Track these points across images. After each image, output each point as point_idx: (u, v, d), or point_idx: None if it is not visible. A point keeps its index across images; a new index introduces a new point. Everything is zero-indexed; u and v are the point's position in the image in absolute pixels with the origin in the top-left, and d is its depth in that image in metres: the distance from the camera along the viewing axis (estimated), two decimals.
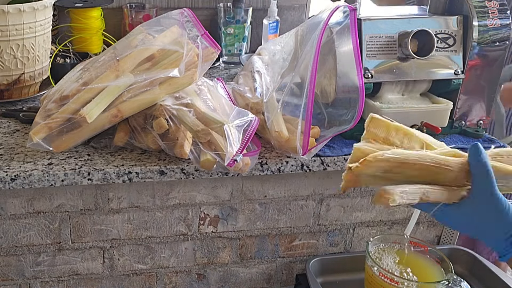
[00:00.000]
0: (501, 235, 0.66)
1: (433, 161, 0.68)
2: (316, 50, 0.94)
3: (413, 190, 0.66)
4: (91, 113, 0.91)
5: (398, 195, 0.65)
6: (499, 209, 0.65)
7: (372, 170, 0.67)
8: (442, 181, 0.69)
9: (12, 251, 1.02)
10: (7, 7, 1.08)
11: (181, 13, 1.03)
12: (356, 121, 0.99)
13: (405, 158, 0.67)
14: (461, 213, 0.68)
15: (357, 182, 0.69)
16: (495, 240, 0.67)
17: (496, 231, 0.66)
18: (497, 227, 0.66)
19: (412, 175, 0.68)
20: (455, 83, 1.06)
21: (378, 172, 0.67)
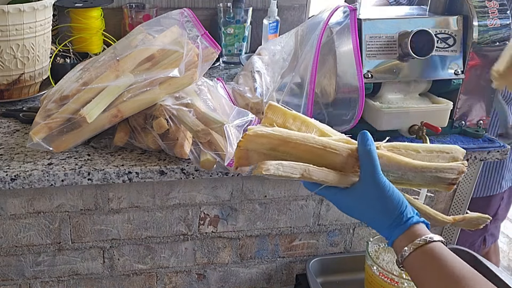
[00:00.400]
0: (385, 220, 0.68)
1: (318, 143, 0.69)
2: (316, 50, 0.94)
3: (293, 164, 0.67)
4: (91, 113, 0.91)
5: (274, 166, 0.66)
6: (383, 194, 0.67)
7: (255, 145, 0.68)
8: (331, 166, 0.69)
9: (12, 251, 1.02)
10: (7, 7, 1.08)
11: (181, 13, 1.03)
12: (356, 121, 0.99)
13: (288, 137, 0.68)
14: (350, 198, 0.70)
15: (247, 159, 0.69)
16: (381, 226, 0.69)
17: (381, 216, 0.68)
18: (382, 211, 0.68)
19: (299, 157, 0.68)
20: (455, 83, 1.06)
21: (263, 149, 0.68)
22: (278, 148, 0.68)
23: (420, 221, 0.68)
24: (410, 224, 0.67)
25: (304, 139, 0.69)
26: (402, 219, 0.67)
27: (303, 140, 0.69)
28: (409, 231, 0.67)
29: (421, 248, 0.65)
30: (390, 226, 0.68)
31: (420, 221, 0.68)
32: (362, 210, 0.71)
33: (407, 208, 0.68)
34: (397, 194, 0.69)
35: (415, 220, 0.67)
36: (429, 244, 0.65)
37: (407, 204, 0.69)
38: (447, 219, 0.79)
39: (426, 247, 0.65)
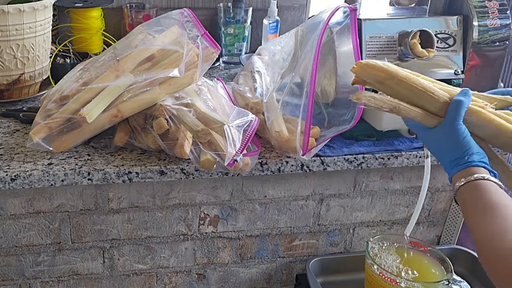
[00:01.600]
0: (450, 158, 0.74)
1: (421, 85, 0.75)
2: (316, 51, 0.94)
3: (383, 98, 0.74)
4: (91, 113, 0.91)
5: (366, 96, 0.73)
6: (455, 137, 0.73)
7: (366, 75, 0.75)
8: (427, 107, 0.76)
9: (12, 251, 1.02)
10: (7, 7, 1.08)
11: (181, 13, 1.03)
12: (356, 121, 0.99)
13: (394, 72, 0.74)
14: (432, 137, 0.77)
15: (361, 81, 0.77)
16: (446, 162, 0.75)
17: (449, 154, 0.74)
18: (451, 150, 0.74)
19: (401, 93, 0.75)
20: (455, 83, 1.06)
21: (372, 79, 0.75)
22: (384, 81, 0.74)
23: (479, 165, 0.72)
24: (469, 165, 0.72)
25: (409, 78, 0.74)
26: (464, 159, 0.73)
27: (408, 78, 0.74)
28: (467, 170, 0.72)
29: (470, 183, 0.70)
30: (451, 164, 0.74)
31: (480, 164, 0.72)
32: (438, 148, 0.77)
33: (472, 154, 0.73)
34: (468, 141, 0.74)
35: (475, 163, 0.72)
36: (479, 181, 0.70)
37: (476, 152, 0.73)
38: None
39: (476, 182, 0.70)
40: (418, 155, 1.06)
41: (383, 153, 1.04)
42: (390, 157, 1.05)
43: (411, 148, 1.07)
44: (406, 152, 1.06)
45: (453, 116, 0.74)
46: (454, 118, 0.74)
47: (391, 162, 1.05)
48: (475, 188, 0.69)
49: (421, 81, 0.75)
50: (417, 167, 1.10)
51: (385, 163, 1.05)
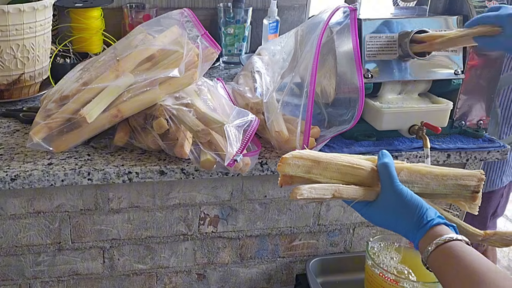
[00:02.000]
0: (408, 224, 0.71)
1: (345, 161, 0.76)
2: (316, 51, 0.94)
3: (323, 186, 0.74)
4: (91, 113, 0.91)
5: (307, 190, 0.72)
6: (401, 200, 0.72)
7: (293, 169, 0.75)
8: (359, 181, 0.76)
9: (12, 251, 1.02)
10: (7, 7, 1.08)
11: (181, 13, 1.03)
12: (355, 121, 0.99)
13: (319, 157, 0.76)
14: (376, 209, 0.75)
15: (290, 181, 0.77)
16: (405, 230, 0.72)
17: (404, 221, 0.72)
18: (403, 216, 0.72)
19: (332, 176, 0.76)
20: (455, 83, 1.06)
21: (300, 172, 0.75)
22: (312, 170, 0.75)
23: (441, 223, 0.70)
24: (430, 226, 0.69)
25: (334, 158, 0.76)
26: (422, 222, 0.70)
27: (332, 159, 0.76)
28: (431, 232, 0.69)
29: (441, 247, 0.67)
30: (413, 229, 0.71)
31: (441, 222, 0.70)
32: (387, 219, 0.75)
33: (427, 211, 0.71)
34: (416, 199, 0.72)
35: (435, 221, 0.70)
36: (449, 243, 0.66)
37: (428, 208, 0.71)
38: (478, 233, 0.81)
39: (446, 245, 0.67)
40: (418, 155, 1.06)
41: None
42: None
43: (411, 148, 1.07)
44: (406, 152, 1.06)
45: (388, 180, 0.74)
46: (390, 181, 0.73)
47: None
48: (448, 253, 0.66)
49: (343, 158, 0.77)
50: None
51: None
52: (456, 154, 1.08)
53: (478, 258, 0.64)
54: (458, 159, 1.08)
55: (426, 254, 0.68)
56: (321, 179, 0.76)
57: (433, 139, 1.09)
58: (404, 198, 0.72)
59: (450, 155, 1.07)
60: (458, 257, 0.65)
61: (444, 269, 0.66)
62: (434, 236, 0.68)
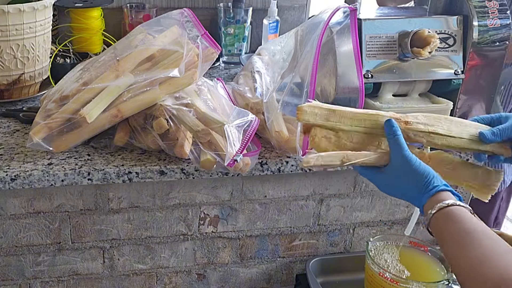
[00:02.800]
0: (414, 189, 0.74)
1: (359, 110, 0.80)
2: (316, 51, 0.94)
3: (331, 154, 0.77)
4: (91, 113, 0.91)
5: (314, 158, 0.76)
6: (409, 167, 0.74)
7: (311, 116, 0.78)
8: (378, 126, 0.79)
9: (12, 251, 1.02)
10: (7, 7, 1.08)
11: (181, 13, 1.03)
12: None
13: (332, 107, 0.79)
14: (385, 176, 0.78)
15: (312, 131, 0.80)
16: (412, 196, 0.75)
17: (411, 187, 0.74)
18: (411, 182, 0.74)
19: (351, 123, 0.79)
20: (455, 83, 1.06)
21: (319, 120, 0.78)
22: (330, 118, 0.78)
23: (446, 189, 0.72)
24: (435, 191, 0.72)
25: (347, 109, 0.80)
26: (428, 187, 0.73)
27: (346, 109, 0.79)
28: (435, 197, 0.72)
29: (442, 211, 0.69)
30: (419, 193, 0.73)
31: (446, 189, 0.72)
32: (395, 185, 0.77)
33: (434, 178, 0.73)
34: (423, 167, 0.74)
35: (441, 188, 0.72)
36: (451, 207, 0.69)
37: (435, 175, 0.74)
38: None
39: (447, 209, 0.69)
40: None
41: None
42: None
43: None
44: None
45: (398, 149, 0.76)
46: (400, 149, 0.75)
47: None
48: (449, 216, 0.68)
49: (358, 109, 0.80)
50: None
51: None
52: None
53: (475, 222, 0.67)
54: None
55: (429, 217, 0.70)
56: (342, 126, 0.78)
57: None
58: (413, 165, 0.74)
59: None
60: (456, 220, 0.67)
61: (442, 231, 0.69)
62: (438, 201, 0.70)
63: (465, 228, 0.66)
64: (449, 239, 0.67)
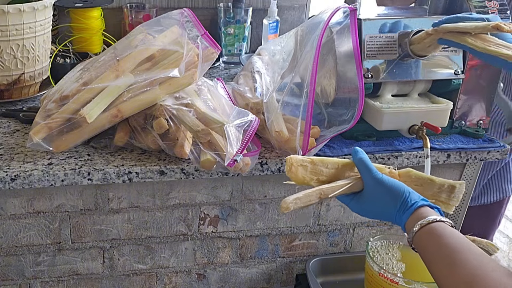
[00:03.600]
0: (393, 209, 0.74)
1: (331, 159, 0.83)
2: (316, 51, 0.94)
3: (307, 193, 0.79)
4: (91, 113, 0.91)
5: (292, 202, 0.78)
6: (384, 187, 0.75)
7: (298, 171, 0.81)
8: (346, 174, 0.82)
9: (12, 251, 1.02)
10: (7, 7, 1.08)
11: (181, 13, 1.03)
12: (355, 121, 0.99)
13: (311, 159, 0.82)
14: (362, 201, 0.78)
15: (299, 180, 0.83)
16: (392, 216, 0.75)
17: (390, 207, 0.74)
18: (388, 202, 0.74)
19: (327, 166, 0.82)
20: (455, 83, 1.06)
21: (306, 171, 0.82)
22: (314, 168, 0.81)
23: (425, 204, 0.72)
24: (415, 208, 0.72)
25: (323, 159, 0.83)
26: (407, 205, 0.73)
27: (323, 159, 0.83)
28: (416, 214, 0.71)
29: (425, 227, 0.69)
30: (398, 212, 0.73)
31: (425, 204, 0.72)
32: (373, 208, 0.78)
33: (410, 194, 0.74)
34: (398, 184, 0.75)
35: (420, 203, 0.72)
36: (433, 224, 0.69)
37: (411, 191, 0.74)
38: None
39: (430, 226, 0.69)
40: (418, 155, 1.06)
41: (383, 153, 1.04)
42: (390, 157, 1.05)
43: (411, 148, 1.07)
44: (406, 152, 1.06)
45: (367, 171, 0.77)
46: (369, 172, 0.77)
47: (391, 162, 1.05)
48: (432, 233, 0.68)
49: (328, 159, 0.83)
50: (417, 167, 1.10)
51: (385, 163, 1.05)
52: (456, 154, 1.08)
53: (458, 238, 0.66)
54: (458, 159, 1.08)
55: (412, 235, 0.70)
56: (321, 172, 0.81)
57: (433, 139, 1.09)
58: (386, 184, 0.75)
59: (450, 155, 1.07)
60: (439, 236, 0.67)
61: (426, 248, 0.68)
62: (419, 218, 0.70)
63: (450, 245, 0.65)
64: (435, 258, 0.66)
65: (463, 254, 0.63)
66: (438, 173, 1.15)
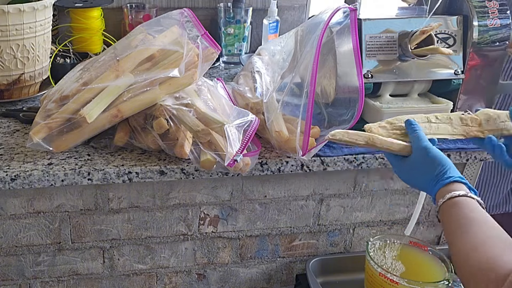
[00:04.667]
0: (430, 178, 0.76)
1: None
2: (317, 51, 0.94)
3: (357, 132, 0.81)
4: (91, 113, 0.91)
5: (341, 133, 0.80)
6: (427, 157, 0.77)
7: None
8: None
9: (12, 251, 1.02)
10: (7, 7, 1.08)
11: (181, 13, 1.03)
12: (355, 121, 0.99)
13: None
14: (405, 165, 0.81)
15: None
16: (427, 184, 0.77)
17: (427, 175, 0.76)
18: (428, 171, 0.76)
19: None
20: (455, 83, 1.06)
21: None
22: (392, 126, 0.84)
23: (461, 181, 0.74)
24: (449, 181, 0.74)
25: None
26: (443, 176, 0.75)
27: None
28: (447, 187, 0.73)
29: (450, 200, 0.71)
30: (432, 181, 0.75)
31: (461, 181, 0.74)
32: (413, 175, 0.80)
33: (450, 169, 0.75)
34: (442, 157, 0.77)
35: (455, 178, 0.74)
36: (460, 197, 0.71)
37: (451, 166, 0.76)
38: None
39: (457, 199, 0.71)
40: None
41: (383, 153, 1.04)
42: None
43: None
44: None
45: (417, 139, 0.80)
46: (419, 140, 0.79)
47: None
48: (456, 205, 0.70)
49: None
50: None
51: (385, 163, 1.05)
52: (456, 154, 1.08)
53: (480, 212, 0.68)
54: (458, 159, 1.08)
55: (439, 205, 0.72)
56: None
57: None
58: (432, 154, 0.77)
59: (450, 155, 1.07)
60: (462, 208, 0.69)
61: (448, 218, 0.70)
62: (450, 191, 0.72)
63: (469, 216, 0.68)
64: (451, 226, 0.69)
65: (476, 222, 0.66)
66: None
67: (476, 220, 0.67)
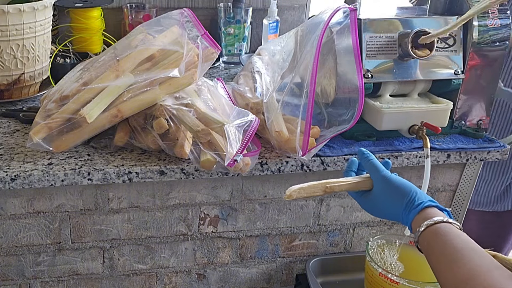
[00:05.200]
0: (400, 208, 0.74)
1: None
2: (317, 51, 0.94)
3: (313, 185, 0.79)
4: (91, 113, 0.91)
5: (296, 191, 0.77)
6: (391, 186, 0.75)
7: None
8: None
9: (12, 251, 1.02)
10: (7, 7, 1.09)
11: (181, 13, 1.03)
12: (355, 121, 0.99)
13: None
14: (370, 199, 0.79)
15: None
16: (398, 215, 0.75)
17: (396, 206, 0.74)
18: (396, 201, 0.74)
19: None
20: (455, 83, 1.06)
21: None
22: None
23: (432, 205, 0.72)
24: (421, 208, 0.71)
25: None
26: (413, 203, 0.72)
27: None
28: (422, 214, 0.71)
29: (431, 228, 0.69)
30: (404, 211, 0.73)
31: (432, 205, 0.72)
32: (380, 207, 0.78)
33: (418, 194, 0.73)
34: (406, 183, 0.75)
35: (427, 203, 0.72)
36: (439, 224, 0.68)
37: (418, 191, 0.74)
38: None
39: (436, 226, 0.68)
40: (418, 155, 1.06)
41: (383, 153, 1.04)
42: (390, 157, 1.05)
43: (411, 148, 1.07)
44: (406, 152, 1.06)
45: (375, 170, 0.78)
46: (377, 171, 0.77)
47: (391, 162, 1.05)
48: (437, 233, 0.68)
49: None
50: (417, 167, 1.10)
51: None
52: (456, 154, 1.08)
53: (463, 239, 0.66)
54: (458, 159, 1.08)
55: (417, 235, 0.70)
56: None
57: (433, 139, 1.09)
58: (394, 183, 0.75)
59: (450, 155, 1.07)
60: (444, 236, 0.67)
61: (431, 248, 0.68)
62: (426, 218, 0.70)
63: (453, 245, 0.65)
64: (437, 256, 0.66)
65: (465, 252, 0.63)
66: (438, 173, 1.16)
67: (463, 249, 0.64)
